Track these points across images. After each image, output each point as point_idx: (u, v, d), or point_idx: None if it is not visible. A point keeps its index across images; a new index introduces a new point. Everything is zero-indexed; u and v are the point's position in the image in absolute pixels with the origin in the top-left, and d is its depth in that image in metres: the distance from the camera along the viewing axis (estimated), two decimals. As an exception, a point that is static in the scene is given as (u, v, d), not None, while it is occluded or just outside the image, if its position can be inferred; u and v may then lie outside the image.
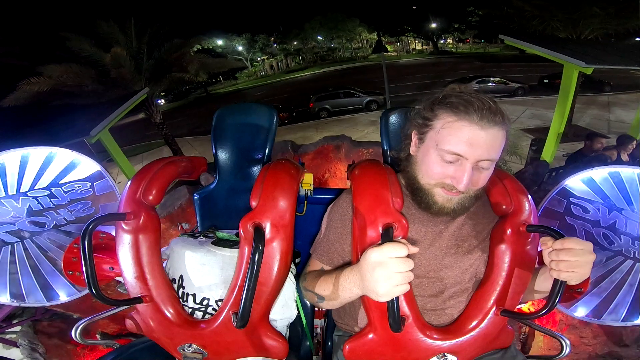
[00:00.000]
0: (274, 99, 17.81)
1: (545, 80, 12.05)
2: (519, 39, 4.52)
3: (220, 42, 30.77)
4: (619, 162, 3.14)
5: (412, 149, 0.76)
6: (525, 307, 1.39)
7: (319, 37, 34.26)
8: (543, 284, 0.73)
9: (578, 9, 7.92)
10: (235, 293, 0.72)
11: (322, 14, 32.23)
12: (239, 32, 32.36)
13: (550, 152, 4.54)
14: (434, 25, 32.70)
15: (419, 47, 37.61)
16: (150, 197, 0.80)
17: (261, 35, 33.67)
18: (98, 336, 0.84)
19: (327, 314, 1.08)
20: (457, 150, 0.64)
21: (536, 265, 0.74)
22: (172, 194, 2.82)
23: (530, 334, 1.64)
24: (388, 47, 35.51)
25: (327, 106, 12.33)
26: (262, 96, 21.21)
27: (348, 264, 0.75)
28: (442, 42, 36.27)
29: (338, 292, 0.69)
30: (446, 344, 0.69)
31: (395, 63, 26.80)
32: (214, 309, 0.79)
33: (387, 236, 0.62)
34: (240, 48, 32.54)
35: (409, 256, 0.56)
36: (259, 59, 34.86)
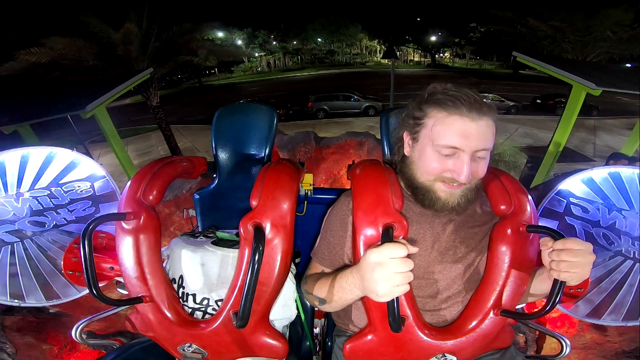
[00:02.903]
0: (270, 95, 17.80)
1: (538, 101, 12.56)
2: (531, 58, 4.53)
3: (220, 34, 30.38)
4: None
5: (407, 150, 0.77)
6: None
7: (319, 39, 34.21)
8: (539, 285, 0.73)
9: (590, 33, 8.16)
10: (235, 293, 0.72)
11: (326, 16, 32.21)
12: (240, 26, 32.15)
13: (545, 170, 4.56)
14: (434, 38, 32.83)
15: (416, 59, 37.90)
16: (151, 197, 0.80)
17: (262, 32, 33.42)
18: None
19: (327, 314, 1.08)
20: (453, 143, 0.66)
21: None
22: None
23: (541, 336, 1.61)
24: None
25: (325, 107, 12.30)
26: (258, 92, 21.00)
27: (349, 266, 0.75)
28: (439, 55, 36.38)
29: (339, 294, 0.69)
30: (446, 344, 0.69)
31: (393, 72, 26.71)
32: (214, 309, 0.79)
33: (387, 236, 0.62)
34: (239, 42, 32.19)
35: (408, 256, 0.56)
36: (257, 54, 34.59)
